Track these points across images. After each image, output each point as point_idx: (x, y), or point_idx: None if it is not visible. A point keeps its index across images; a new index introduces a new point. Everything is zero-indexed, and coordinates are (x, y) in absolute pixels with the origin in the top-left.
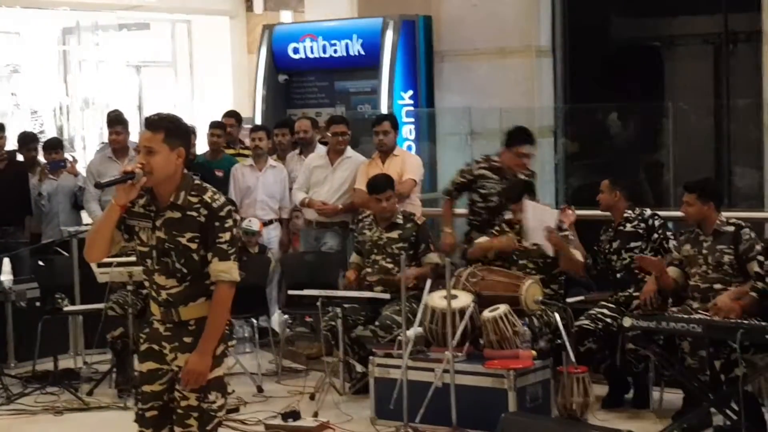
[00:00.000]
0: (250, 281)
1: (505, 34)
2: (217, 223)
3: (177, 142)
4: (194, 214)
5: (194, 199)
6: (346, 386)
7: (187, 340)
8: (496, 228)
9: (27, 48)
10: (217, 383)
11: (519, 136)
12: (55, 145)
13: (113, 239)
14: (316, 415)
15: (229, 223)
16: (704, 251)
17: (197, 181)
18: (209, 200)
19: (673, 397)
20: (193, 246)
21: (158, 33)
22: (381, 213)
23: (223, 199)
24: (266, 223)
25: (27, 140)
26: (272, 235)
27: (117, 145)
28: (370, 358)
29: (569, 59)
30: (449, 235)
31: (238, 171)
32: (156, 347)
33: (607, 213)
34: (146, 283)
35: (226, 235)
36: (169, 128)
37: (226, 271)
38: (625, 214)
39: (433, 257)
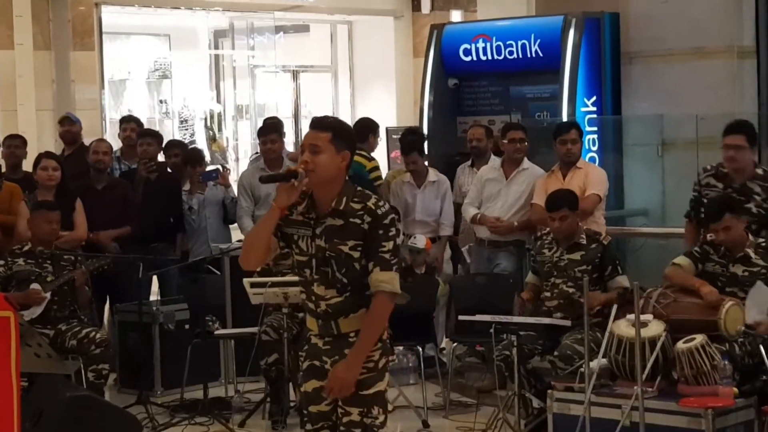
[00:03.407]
0: (415, 305)
1: (702, 32)
2: (381, 231)
3: (343, 144)
4: (357, 221)
5: (357, 206)
6: (522, 423)
7: (348, 352)
8: (696, 250)
9: (177, 52)
10: (380, 398)
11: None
12: (193, 159)
13: (270, 246)
14: None
15: (393, 231)
16: None
17: (359, 188)
18: (373, 206)
19: None
20: (356, 255)
21: (317, 35)
22: (554, 233)
23: (387, 206)
24: None
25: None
26: None
27: (272, 155)
28: (549, 391)
29: None
30: None
31: (397, 186)
32: (317, 363)
33: None
34: (304, 296)
35: (390, 244)
36: (336, 129)
37: (387, 281)
38: None
39: (622, 281)
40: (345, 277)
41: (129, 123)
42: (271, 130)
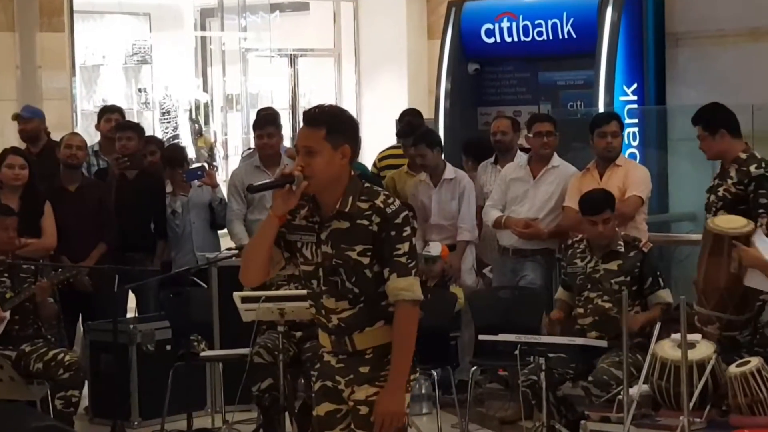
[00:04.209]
0: (430, 323)
1: (758, 11)
2: (393, 232)
3: (341, 139)
4: (365, 222)
5: (364, 205)
6: None
7: (363, 370)
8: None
9: (158, 33)
10: None
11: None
12: (173, 160)
13: (272, 258)
14: None
15: (407, 231)
16: None
17: (367, 185)
18: (382, 205)
19: None
20: (365, 260)
21: (318, 15)
22: (597, 239)
23: (398, 203)
24: None
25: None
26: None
27: (269, 151)
28: (582, 422)
29: None
30: None
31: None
32: (330, 384)
33: None
34: (314, 309)
35: (405, 246)
36: (331, 123)
37: (406, 288)
38: None
39: (664, 295)
40: (356, 286)
41: (113, 113)
42: (268, 122)
